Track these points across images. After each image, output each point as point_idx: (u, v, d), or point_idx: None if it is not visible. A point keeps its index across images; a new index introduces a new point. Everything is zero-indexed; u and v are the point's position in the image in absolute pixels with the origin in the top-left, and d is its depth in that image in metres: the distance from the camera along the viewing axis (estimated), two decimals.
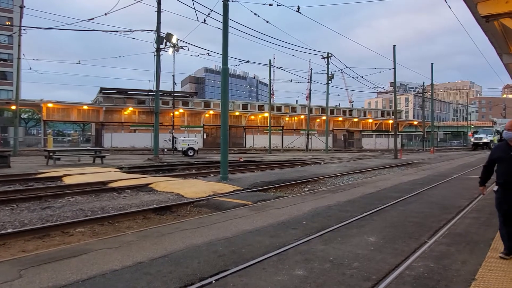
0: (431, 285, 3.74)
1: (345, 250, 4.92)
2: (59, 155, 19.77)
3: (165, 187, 11.12)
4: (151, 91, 38.33)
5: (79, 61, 30.46)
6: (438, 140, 72.58)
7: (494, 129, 52.82)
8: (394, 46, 30.92)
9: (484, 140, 48.17)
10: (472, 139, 51.00)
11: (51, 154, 19.01)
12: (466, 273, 4.09)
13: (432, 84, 49.00)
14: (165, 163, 20.73)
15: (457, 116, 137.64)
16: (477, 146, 48.44)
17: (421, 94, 65.84)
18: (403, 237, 5.59)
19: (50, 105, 42.83)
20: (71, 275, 3.93)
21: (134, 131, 46.77)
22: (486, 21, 6.53)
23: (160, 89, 24.62)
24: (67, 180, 12.72)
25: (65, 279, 3.83)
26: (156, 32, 23.22)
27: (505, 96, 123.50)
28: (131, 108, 47.33)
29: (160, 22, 23.12)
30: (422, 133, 58.53)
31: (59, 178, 13.24)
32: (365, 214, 7.25)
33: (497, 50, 10.52)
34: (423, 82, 59.33)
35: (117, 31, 21.42)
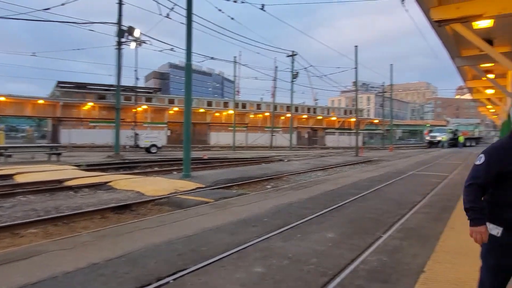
0: (383, 278, 3.90)
1: (304, 246, 5.01)
2: (11, 152, 18.70)
3: (125, 185, 10.82)
4: (112, 86, 37.07)
5: (33, 53, 28.76)
6: (397, 138, 75.71)
7: (447, 128, 55.70)
8: (356, 46, 31.84)
9: (439, 138, 50.73)
10: (428, 138, 53.47)
11: (2, 151, 17.94)
12: (416, 266, 4.29)
13: (391, 85, 50.95)
14: (126, 160, 20.17)
15: (414, 115, 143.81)
16: (432, 144, 50.89)
17: (382, 93, 68.27)
18: (360, 233, 5.77)
19: (2, 98, 40.34)
20: (19, 278, 3.73)
21: (94, 127, 45.08)
22: (438, 26, 6.86)
23: (122, 84, 23.92)
24: (19, 178, 12.06)
25: (13, 282, 3.63)
26: (117, 25, 22.49)
27: (458, 97, 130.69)
28: (90, 103, 45.59)
29: (121, 15, 22.43)
30: (382, 132, 60.78)
31: (10, 176, 12.52)
32: (325, 210, 7.42)
33: (450, 53, 11.08)
34: (383, 82, 61.68)
35: (75, 23, 20.49)
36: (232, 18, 19.34)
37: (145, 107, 48.27)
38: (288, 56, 40.69)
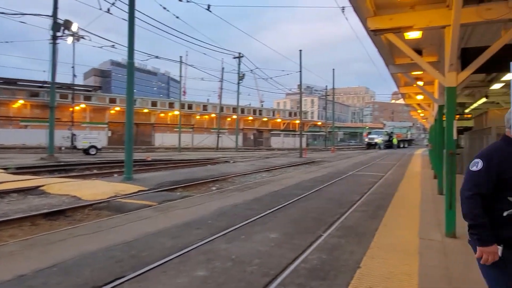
0: (322, 275, 4.05)
1: (248, 247, 5.04)
2: None
3: (60, 189, 10.14)
4: (46, 82, 34.60)
5: None
6: (338, 140, 79.10)
7: (384, 130, 59.37)
8: (300, 51, 32.78)
9: (376, 140, 53.94)
10: (366, 139, 56.59)
11: None
12: (353, 262, 4.51)
13: (333, 88, 53.16)
14: (62, 163, 18.91)
15: (354, 118, 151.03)
16: (370, 145, 53.98)
17: (325, 96, 70.87)
18: (302, 232, 5.94)
19: None
20: None
21: (26, 127, 41.73)
22: (374, 35, 7.26)
23: (57, 81, 22.42)
24: None
25: None
26: (52, 18, 21.04)
27: (393, 101, 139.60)
28: (21, 101, 42.14)
29: (57, 7, 21.02)
30: (325, 133, 63.16)
31: None
32: (269, 211, 7.53)
33: (385, 60, 11.76)
34: (326, 86, 64.11)
35: (3, 13, 18.81)
36: (178, 17, 18.94)
37: (83, 106, 45.65)
38: (234, 57, 40.84)
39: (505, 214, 2.02)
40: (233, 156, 29.71)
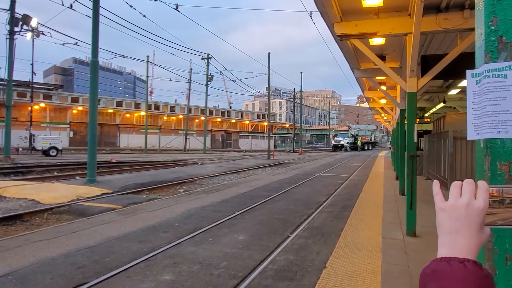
0: (289, 276, 4.09)
1: (215, 250, 5.01)
2: None
3: (17, 193, 9.63)
4: (3, 80, 32.79)
5: None
6: (306, 142, 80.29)
7: (349, 133, 60.95)
8: (269, 53, 33.01)
9: (342, 142, 55.28)
10: (333, 142, 57.87)
11: None
12: (319, 262, 4.59)
13: (301, 91, 53.95)
14: (19, 165, 17.96)
15: (321, 120, 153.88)
16: (336, 147, 55.26)
17: (293, 99, 71.81)
18: (269, 233, 5.98)
19: None
20: None
21: None
22: (340, 40, 7.45)
23: (14, 79, 21.30)
24: None
25: None
26: (9, 12, 19.98)
27: (358, 105, 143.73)
28: None
29: (15, 1, 19.98)
30: (293, 135, 63.94)
31: None
32: (236, 213, 7.53)
33: (350, 65, 12.09)
34: (294, 89, 64.91)
35: None
36: (144, 16, 18.55)
37: (43, 105, 43.63)
38: (203, 58, 40.48)
39: None
40: (201, 158, 29.44)
